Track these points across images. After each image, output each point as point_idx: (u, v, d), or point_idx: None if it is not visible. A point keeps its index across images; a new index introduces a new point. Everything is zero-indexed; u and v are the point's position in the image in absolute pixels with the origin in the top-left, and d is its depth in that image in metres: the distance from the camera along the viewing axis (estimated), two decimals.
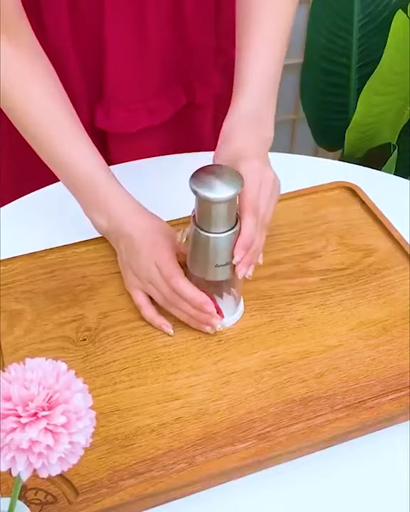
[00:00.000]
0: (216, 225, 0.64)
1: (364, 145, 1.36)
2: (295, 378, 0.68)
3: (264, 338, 0.72)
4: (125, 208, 0.75)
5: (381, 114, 1.30)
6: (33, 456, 0.42)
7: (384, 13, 1.32)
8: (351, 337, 0.72)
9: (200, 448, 0.62)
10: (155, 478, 0.60)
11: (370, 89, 1.25)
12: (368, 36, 1.35)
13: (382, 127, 1.33)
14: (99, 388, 0.67)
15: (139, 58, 0.89)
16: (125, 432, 0.64)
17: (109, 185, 0.75)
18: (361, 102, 1.27)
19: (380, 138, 1.35)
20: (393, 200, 0.90)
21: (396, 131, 1.36)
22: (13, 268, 0.79)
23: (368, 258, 0.81)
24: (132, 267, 0.74)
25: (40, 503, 0.58)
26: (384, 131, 1.34)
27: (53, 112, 0.74)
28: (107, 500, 0.58)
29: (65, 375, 0.44)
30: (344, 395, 0.66)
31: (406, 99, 1.29)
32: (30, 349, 0.71)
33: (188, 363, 0.70)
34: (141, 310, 0.73)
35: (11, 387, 0.43)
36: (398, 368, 0.69)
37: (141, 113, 0.94)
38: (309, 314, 0.74)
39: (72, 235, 0.83)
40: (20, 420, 0.42)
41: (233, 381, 0.68)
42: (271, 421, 0.64)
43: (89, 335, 0.72)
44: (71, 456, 0.43)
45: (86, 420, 0.43)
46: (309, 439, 0.63)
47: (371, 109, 1.29)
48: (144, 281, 0.72)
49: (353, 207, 0.88)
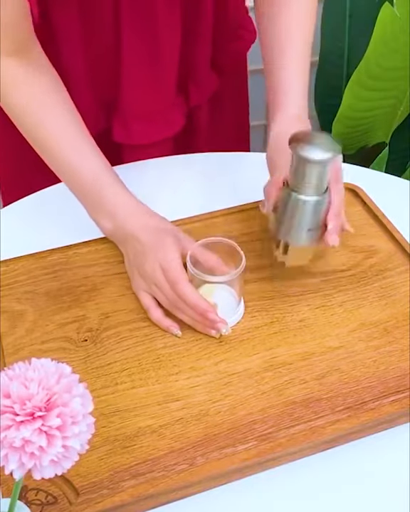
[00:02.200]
0: (311, 188, 0.65)
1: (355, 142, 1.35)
2: (296, 379, 0.68)
3: (265, 339, 0.72)
4: (130, 210, 0.75)
5: (372, 111, 1.30)
6: (25, 456, 0.41)
7: None
8: (353, 338, 0.72)
9: (201, 449, 0.62)
10: (156, 479, 0.60)
11: (356, 81, 1.25)
12: None
13: (374, 125, 1.33)
14: (100, 389, 0.67)
15: (154, 69, 0.88)
16: (126, 432, 0.64)
17: (113, 186, 0.76)
18: (348, 94, 1.27)
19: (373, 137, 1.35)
20: (395, 201, 0.90)
21: (390, 130, 1.36)
22: (15, 268, 0.79)
23: (370, 259, 0.81)
24: (138, 269, 0.74)
25: (40, 503, 0.58)
26: (376, 129, 1.34)
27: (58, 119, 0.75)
28: (108, 501, 0.58)
29: (67, 377, 0.44)
30: (345, 397, 0.66)
31: (399, 98, 1.29)
32: (31, 349, 0.71)
33: (189, 364, 0.70)
34: (149, 312, 0.73)
35: (11, 385, 0.43)
36: (399, 370, 0.69)
37: (160, 124, 0.95)
38: (311, 315, 0.74)
39: (74, 235, 0.83)
40: (16, 418, 0.42)
41: (234, 382, 0.68)
42: (272, 422, 0.64)
43: (90, 335, 0.72)
44: (65, 461, 0.43)
45: (83, 426, 0.43)
46: (310, 440, 0.63)
47: (359, 103, 1.28)
48: (149, 284, 0.73)
49: (355, 208, 0.88)
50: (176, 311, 0.72)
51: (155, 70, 0.88)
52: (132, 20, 0.81)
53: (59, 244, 0.83)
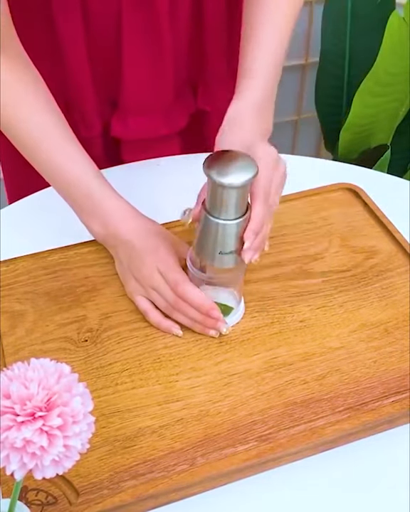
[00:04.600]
0: (227, 212, 0.62)
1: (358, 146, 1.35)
2: (296, 380, 0.68)
3: (265, 339, 0.72)
4: (121, 214, 0.74)
5: (375, 116, 1.30)
6: (27, 456, 0.41)
7: None
8: (353, 339, 0.72)
9: (201, 449, 0.62)
10: (156, 480, 0.60)
11: (365, 90, 1.24)
12: None
13: (376, 128, 1.33)
14: (100, 389, 0.67)
15: (155, 67, 0.88)
16: (126, 433, 0.64)
17: (103, 190, 0.75)
18: (356, 103, 1.26)
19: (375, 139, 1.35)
20: (395, 201, 0.89)
21: (391, 132, 1.36)
22: (15, 269, 0.79)
23: (370, 260, 0.81)
24: (133, 274, 0.73)
25: (40, 504, 0.58)
26: (378, 132, 1.34)
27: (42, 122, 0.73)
28: (108, 502, 0.58)
29: (66, 377, 0.44)
30: (345, 397, 0.66)
31: (401, 100, 1.29)
32: (31, 350, 0.71)
33: (189, 364, 0.70)
34: (147, 315, 0.73)
35: (11, 385, 0.43)
36: (399, 370, 0.69)
37: (158, 121, 0.94)
38: (311, 316, 0.74)
39: (74, 235, 0.83)
40: (17, 419, 0.42)
41: (234, 383, 0.68)
42: (272, 423, 0.64)
43: (90, 336, 0.72)
44: (66, 460, 0.43)
45: (83, 425, 0.43)
46: (311, 441, 0.63)
47: (366, 111, 1.28)
48: (147, 288, 0.72)
49: (355, 208, 0.88)
50: (174, 313, 0.72)
51: (157, 65, 0.87)
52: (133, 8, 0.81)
53: (59, 244, 0.82)
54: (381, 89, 1.26)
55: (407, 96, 1.30)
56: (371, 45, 1.27)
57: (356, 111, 1.27)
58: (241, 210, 0.63)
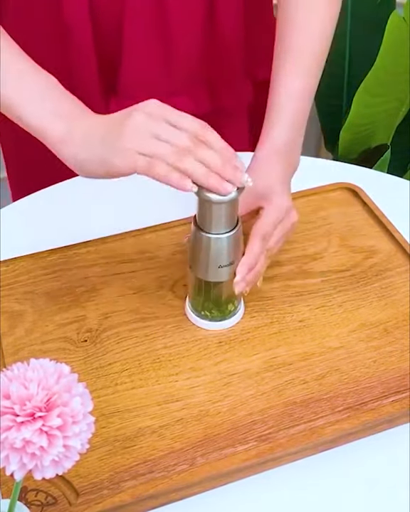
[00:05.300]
0: (216, 226, 0.63)
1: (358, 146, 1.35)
2: (295, 380, 0.68)
3: (265, 339, 0.72)
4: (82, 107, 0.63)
5: (375, 116, 1.30)
6: (27, 457, 0.41)
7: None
8: (353, 339, 0.72)
9: (201, 449, 0.62)
10: (156, 480, 0.60)
11: (365, 90, 1.25)
12: None
13: (376, 128, 1.33)
14: (100, 389, 0.67)
15: (159, 56, 0.88)
16: (126, 433, 0.64)
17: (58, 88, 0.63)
18: (356, 103, 1.26)
19: (374, 139, 1.35)
20: (394, 201, 0.89)
21: (390, 131, 1.36)
22: (14, 269, 0.79)
23: (369, 259, 0.81)
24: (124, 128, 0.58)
25: (40, 504, 0.58)
26: (378, 132, 1.34)
27: None
28: (108, 502, 0.58)
29: (66, 377, 0.44)
30: (345, 397, 0.66)
31: (401, 100, 1.29)
32: (31, 350, 0.71)
33: (189, 364, 0.70)
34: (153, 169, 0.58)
35: (11, 386, 0.43)
36: (399, 370, 0.69)
37: None
38: (311, 316, 0.74)
39: (74, 235, 0.83)
40: (16, 419, 0.42)
41: (233, 383, 0.68)
42: (272, 422, 0.64)
43: (90, 336, 0.72)
44: (66, 460, 0.43)
45: (83, 425, 0.43)
46: (310, 440, 0.63)
47: (366, 110, 1.28)
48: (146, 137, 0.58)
49: (354, 208, 0.88)
50: (185, 160, 0.57)
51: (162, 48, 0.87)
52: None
53: (59, 244, 0.83)
54: (381, 89, 1.26)
55: (407, 96, 1.30)
56: (371, 45, 1.27)
57: (356, 111, 1.27)
58: (230, 224, 0.64)
